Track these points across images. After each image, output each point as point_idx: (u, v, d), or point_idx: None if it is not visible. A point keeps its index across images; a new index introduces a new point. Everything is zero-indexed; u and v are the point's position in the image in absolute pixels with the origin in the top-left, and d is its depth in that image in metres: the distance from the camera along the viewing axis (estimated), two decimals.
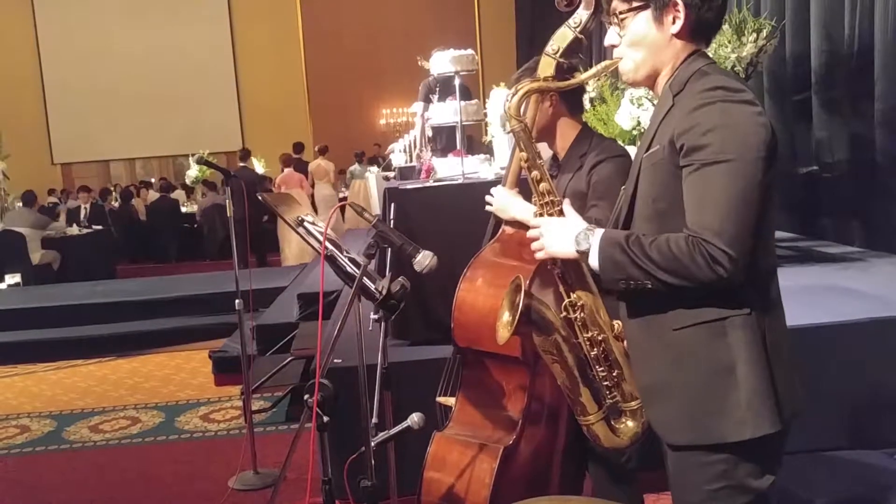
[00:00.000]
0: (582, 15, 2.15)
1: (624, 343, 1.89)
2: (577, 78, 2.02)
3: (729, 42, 4.05)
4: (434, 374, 2.57)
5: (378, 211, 6.22)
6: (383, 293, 2.10)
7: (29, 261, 9.71)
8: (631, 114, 4.07)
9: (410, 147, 6.89)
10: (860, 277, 4.15)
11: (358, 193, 11.66)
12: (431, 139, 5.99)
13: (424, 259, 2.16)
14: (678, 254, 1.54)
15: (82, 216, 12.16)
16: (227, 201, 3.86)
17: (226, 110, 17.42)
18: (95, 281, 9.31)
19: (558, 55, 2.18)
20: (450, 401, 2.45)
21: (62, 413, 5.28)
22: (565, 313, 1.92)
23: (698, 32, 1.70)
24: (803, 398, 1.70)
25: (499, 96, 4.25)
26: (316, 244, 2.26)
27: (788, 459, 1.70)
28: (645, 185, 1.69)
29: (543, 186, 1.87)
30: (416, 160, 5.75)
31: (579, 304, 1.91)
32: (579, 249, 1.70)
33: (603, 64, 1.82)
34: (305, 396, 1.94)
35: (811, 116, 5.38)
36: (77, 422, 5.06)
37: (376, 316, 2.32)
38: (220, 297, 6.81)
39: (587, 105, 4.80)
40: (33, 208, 10.86)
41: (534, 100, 2.32)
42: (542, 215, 1.87)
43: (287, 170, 11.36)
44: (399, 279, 2.14)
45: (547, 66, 2.20)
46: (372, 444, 2.08)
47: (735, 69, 4.03)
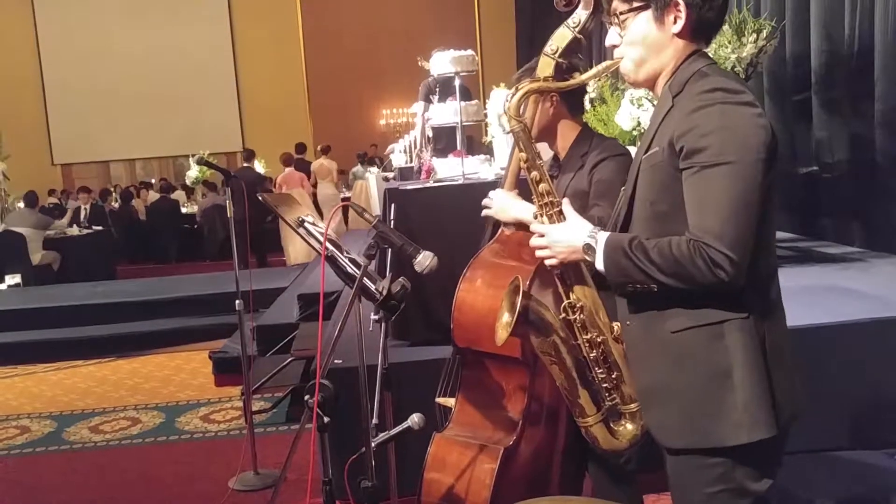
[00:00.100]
0: (581, 15, 2.14)
1: (623, 345, 1.88)
2: (577, 78, 2.02)
3: (729, 42, 4.05)
4: (434, 375, 2.57)
5: (378, 211, 6.23)
6: (384, 294, 2.10)
7: (29, 261, 9.72)
8: (631, 114, 4.07)
9: (411, 147, 6.89)
10: (860, 278, 4.15)
11: (360, 194, 11.68)
12: (431, 139, 5.99)
13: (425, 260, 2.16)
14: (679, 257, 1.54)
15: (82, 217, 12.17)
16: (228, 202, 3.87)
17: (226, 111, 17.42)
18: (95, 281, 9.32)
19: (557, 55, 2.18)
20: (449, 401, 2.45)
21: (62, 414, 5.28)
22: (564, 315, 1.92)
23: (699, 32, 1.69)
24: (803, 401, 1.69)
25: (499, 97, 4.25)
26: (316, 245, 2.26)
27: (788, 459, 1.70)
28: (644, 187, 1.69)
29: (543, 187, 1.86)
30: (417, 160, 5.75)
31: (578, 306, 1.91)
32: (588, 259, 1.72)
33: (604, 64, 1.82)
34: (306, 397, 1.94)
35: (811, 117, 5.38)
36: (77, 422, 5.06)
37: (377, 316, 2.32)
38: (221, 298, 6.81)
39: (587, 106, 4.80)
40: (35, 209, 10.86)
41: (533, 100, 2.32)
42: (542, 216, 1.86)
43: (288, 169, 11.36)
44: (399, 280, 2.14)
45: (546, 67, 2.20)
46: (372, 445, 2.08)
47: (735, 69, 4.03)
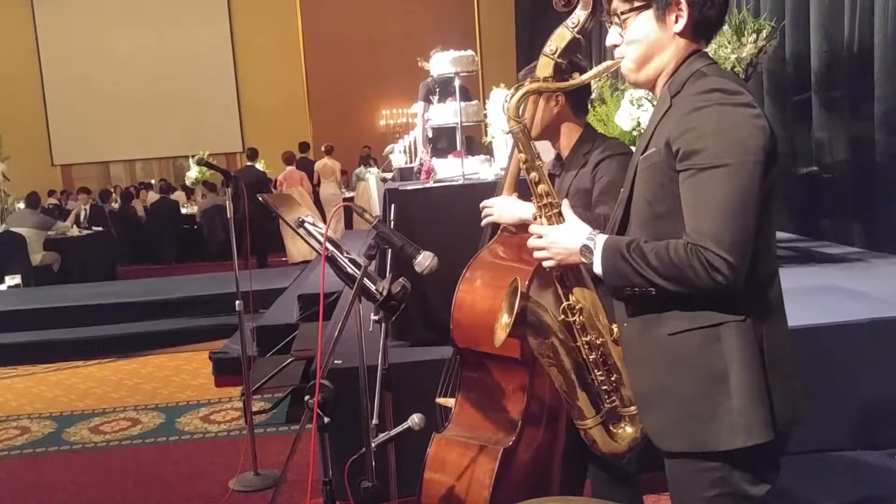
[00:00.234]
0: (580, 15, 2.14)
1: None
2: (577, 79, 2.02)
3: (729, 43, 4.05)
4: (434, 375, 2.57)
5: (378, 212, 6.23)
6: (384, 294, 2.10)
7: (29, 262, 9.71)
8: (631, 115, 4.07)
9: (411, 148, 6.89)
10: (860, 278, 4.15)
11: (363, 194, 11.72)
12: (431, 140, 6.00)
13: (425, 260, 2.16)
14: (677, 261, 1.52)
15: (82, 217, 12.17)
16: (228, 202, 3.87)
17: (226, 112, 17.42)
18: (95, 282, 9.32)
19: (556, 55, 2.18)
20: (449, 402, 2.45)
21: (62, 414, 5.27)
22: (564, 316, 1.91)
23: (700, 31, 1.68)
24: (803, 405, 1.67)
25: (499, 97, 4.25)
26: (317, 245, 2.26)
27: (789, 460, 1.69)
28: (641, 188, 1.68)
29: (542, 188, 1.86)
30: (418, 161, 5.77)
31: (578, 308, 1.91)
32: (585, 261, 1.70)
33: (604, 64, 1.82)
34: (306, 397, 1.93)
35: (811, 117, 5.38)
36: (77, 423, 5.05)
37: (377, 317, 2.31)
38: (221, 299, 6.81)
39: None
40: (37, 210, 10.86)
41: (532, 100, 2.32)
42: (541, 217, 1.85)
43: (289, 168, 11.40)
44: (399, 280, 2.14)
45: (545, 67, 2.20)
46: (372, 445, 2.08)
47: (735, 70, 4.03)
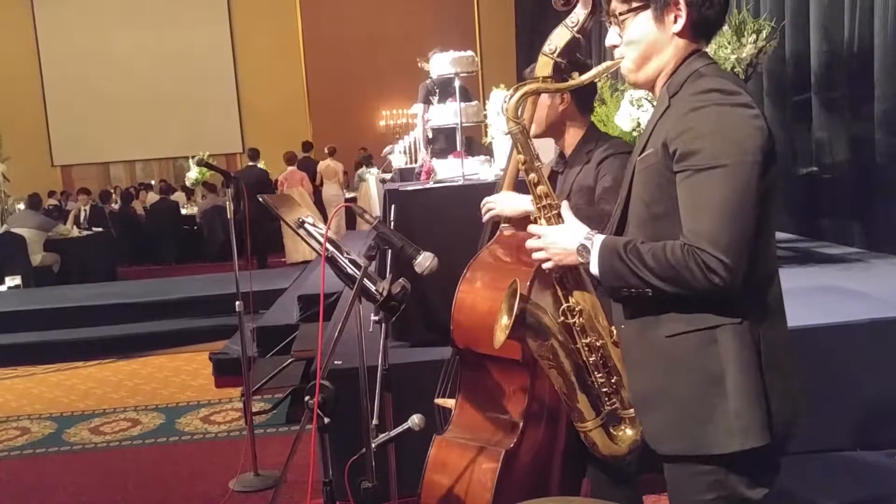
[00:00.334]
0: (579, 14, 2.14)
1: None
2: (577, 79, 2.02)
3: (729, 43, 4.05)
4: (435, 376, 2.57)
5: (378, 212, 6.23)
6: (384, 294, 2.10)
7: (29, 263, 9.71)
8: (631, 115, 4.07)
9: (411, 148, 6.90)
10: (860, 278, 4.15)
11: (365, 195, 11.75)
12: (431, 140, 6.00)
13: (425, 260, 2.16)
14: (674, 262, 1.51)
15: (82, 218, 12.17)
16: (228, 203, 3.87)
17: (226, 112, 17.42)
18: (95, 283, 9.31)
19: (556, 55, 2.18)
20: (448, 402, 2.45)
21: (62, 415, 5.27)
22: (563, 318, 1.91)
23: (700, 31, 1.67)
24: (802, 408, 1.66)
25: (499, 98, 4.25)
26: (317, 245, 2.25)
27: (789, 459, 1.69)
28: (639, 189, 1.67)
29: (541, 189, 1.85)
30: (420, 162, 5.78)
31: (577, 309, 1.90)
32: (581, 261, 1.69)
33: (604, 65, 1.81)
34: (306, 398, 1.93)
35: (811, 117, 5.38)
36: (77, 424, 5.05)
37: (377, 317, 2.31)
38: (221, 299, 6.81)
39: None
40: (39, 211, 10.87)
41: (531, 101, 2.32)
42: (540, 218, 1.85)
43: (290, 168, 11.42)
44: (399, 280, 2.14)
45: (544, 66, 2.20)
46: (373, 446, 2.08)
47: (735, 70, 4.03)
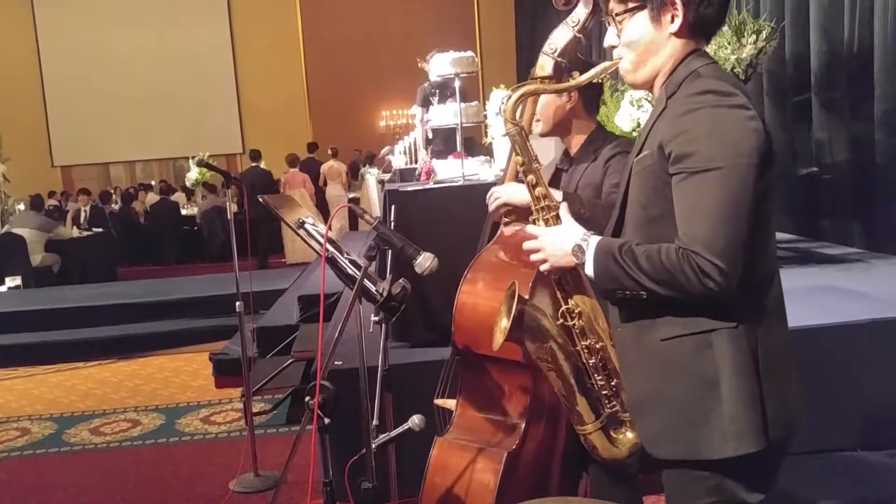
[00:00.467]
0: (580, 14, 2.14)
1: None
2: (576, 79, 2.02)
3: (729, 43, 4.06)
4: (435, 376, 2.56)
5: (378, 213, 6.22)
6: (384, 295, 2.10)
7: (29, 263, 9.71)
8: (631, 115, 4.07)
9: (411, 149, 6.91)
10: (860, 278, 4.15)
11: (367, 195, 11.74)
12: (429, 141, 6.01)
13: (425, 261, 2.16)
14: (668, 266, 1.50)
15: (82, 219, 12.17)
16: (228, 203, 3.87)
17: (226, 113, 17.41)
18: (96, 283, 9.31)
19: (556, 54, 2.18)
20: (449, 403, 2.44)
21: (63, 415, 5.27)
22: (562, 320, 1.90)
23: (698, 30, 1.65)
24: (801, 412, 1.65)
25: (499, 98, 4.25)
26: (317, 246, 2.26)
27: (789, 459, 1.68)
28: (635, 191, 1.66)
29: (539, 191, 1.84)
30: (420, 163, 5.79)
31: (577, 311, 1.89)
32: (577, 261, 1.68)
33: (603, 65, 1.80)
34: (306, 398, 1.93)
35: (811, 117, 5.38)
36: (78, 424, 5.05)
37: (377, 318, 2.31)
38: (221, 300, 6.81)
39: None
40: (41, 212, 10.86)
41: (532, 100, 2.32)
42: (539, 220, 1.84)
43: (292, 170, 11.43)
44: (400, 281, 2.14)
45: (545, 66, 2.20)
46: (373, 446, 2.08)
47: (735, 70, 4.03)
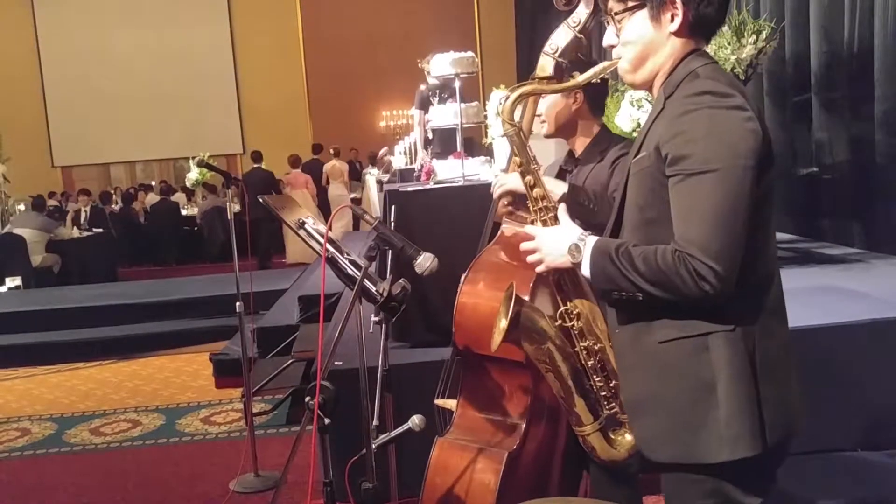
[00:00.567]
0: (581, 14, 2.14)
1: None
2: (576, 79, 2.02)
3: (729, 44, 4.05)
4: (435, 376, 2.56)
5: (377, 213, 6.23)
6: (384, 295, 2.10)
7: (29, 264, 9.71)
8: (631, 115, 4.06)
9: (411, 150, 6.92)
10: (860, 278, 4.15)
11: (368, 196, 11.77)
12: (430, 142, 6.03)
13: (425, 261, 2.16)
14: (664, 268, 1.49)
15: (83, 219, 12.17)
16: (228, 203, 3.87)
17: (226, 113, 17.41)
18: (96, 284, 9.31)
19: (557, 54, 2.18)
20: (449, 403, 2.44)
21: (63, 416, 5.27)
22: (561, 321, 1.90)
23: (698, 29, 1.63)
24: (801, 415, 1.64)
25: (499, 98, 4.26)
26: (317, 246, 2.26)
27: (789, 460, 1.68)
28: (633, 193, 1.65)
29: (537, 192, 1.84)
30: (419, 163, 5.80)
31: (575, 313, 1.89)
32: (573, 261, 1.66)
33: (602, 65, 1.79)
34: (306, 398, 1.93)
35: (811, 118, 5.38)
36: (78, 424, 5.05)
37: (377, 318, 2.31)
38: (221, 300, 6.81)
39: None
40: (43, 213, 10.86)
41: (532, 100, 2.32)
42: (537, 221, 1.84)
43: (294, 170, 11.44)
44: (400, 281, 2.14)
45: (546, 66, 2.20)
46: (373, 447, 2.08)
47: (735, 70, 4.03)
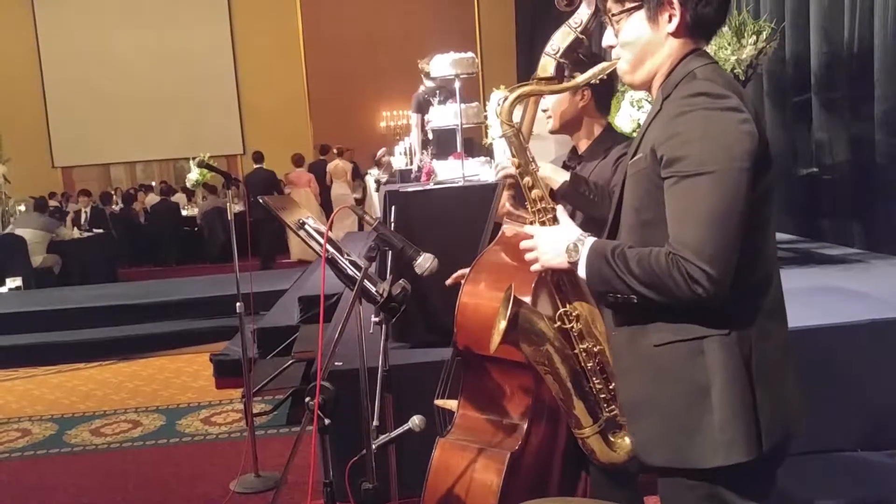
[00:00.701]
0: (583, 15, 2.15)
1: None
2: (576, 80, 2.02)
3: (729, 44, 4.06)
4: (435, 377, 2.56)
5: (377, 213, 6.23)
6: (384, 296, 2.11)
7: (30, 264, 9.71)
8: (631, 116, 4.07)
9: (410, 150, 6.93)
10: (860, 279, 4.15)
11: (369, 196, 11.79)
12: (429, 143, 6.04)
13: (425, 262, 2.16)
14: (658, 270, 1.48)
15: (83, 220, 12.17)
16: (228, 204, 3.88)
17: (226, 113, 17.40)
18: (96, 284, 9.31)
19: (558, 55, 2.18)
20: (449, 404, 2.45)
21: (63, 416, 5.27)
22: (560, 323, 1.90)
23: (696, 29, 1.62)
24: (799, 420, 1.63)
25: (498, 99, 4.26)
26: (317, 247, 2.26)
27: (789, 460, 1.68)
28: (629, 194, 1.64)
29: (536, 193, 1.84)
30: (417, 164, 5.81)
31: (574, 315, 1.89)
32: (570, 261, 1.66)
33: (601, 65, 1.79)
34: (307, 399, 1.93)
35: (811, 118, 5.38)
36: (78, 425, 5.05)
37: (377, 318, 2.31)
38: (221, 300, 6.80)
39: None
40: (45, 213, 10.87)
41: (533, 100, 2.32)
42: (535, 222, 1.84)
43: (298, 169, 11.44)
44: (400, 282, 2.14)
45: (547, 67, 2.20)
46: (373, 447, 2.08)
47: (735, 71, 4.04)
